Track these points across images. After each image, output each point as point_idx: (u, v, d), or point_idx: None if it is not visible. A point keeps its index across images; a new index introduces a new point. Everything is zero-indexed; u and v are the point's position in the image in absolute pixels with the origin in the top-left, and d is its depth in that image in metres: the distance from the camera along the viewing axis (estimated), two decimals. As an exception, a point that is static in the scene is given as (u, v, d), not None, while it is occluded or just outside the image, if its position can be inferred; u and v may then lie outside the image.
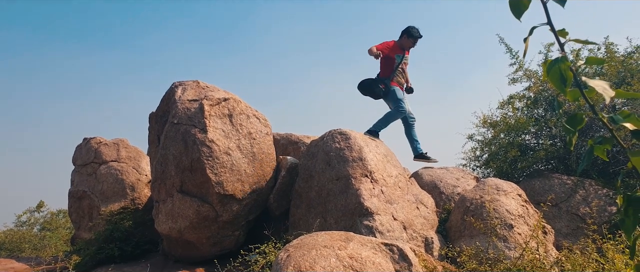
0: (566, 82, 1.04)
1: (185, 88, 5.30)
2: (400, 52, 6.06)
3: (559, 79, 1.05)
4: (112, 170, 6.71)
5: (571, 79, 1.05)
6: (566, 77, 1.04)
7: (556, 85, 1.06)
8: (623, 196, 1.10)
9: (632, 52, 7.37)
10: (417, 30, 6.02)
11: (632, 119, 1.06)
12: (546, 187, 6.23)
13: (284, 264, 3.01)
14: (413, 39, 6.02)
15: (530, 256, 3.23)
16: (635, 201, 1.08)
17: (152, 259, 5.63)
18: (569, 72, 1.04)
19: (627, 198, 1.09)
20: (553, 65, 1.06)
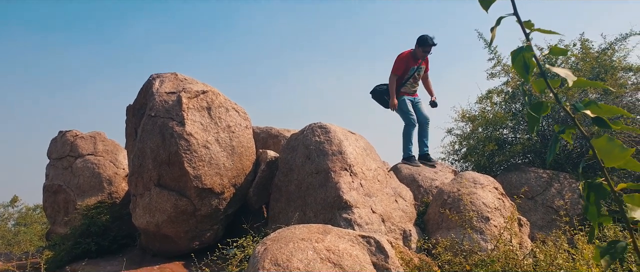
0: (529, 69, 1.06)
1: (163, 80, 5.24)
2: (414, 64, 6.17)
3: (522, 67, 1.07)
4: (88, 164, 6.60)
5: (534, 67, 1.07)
6: (529, 65, 1.06)
7: (520, 73, 1.08)
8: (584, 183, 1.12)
9: (606, 49, 7.51)
10: (429, 39, 6.00)
11: (592, 107, 1.08)
12: (522, 180, 6.33)
13: (261, 257, 3.01)
14: (423, 47, 6.03)
15: (504, 247, 3.29)
16: (596, 187, 1.10)
17: (129, 254, 5.57)
18: (532, 61, 1.06)
19: (588, 185, 1.11)
20: (517, 54, 1.08)
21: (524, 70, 1.08)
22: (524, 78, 1.09)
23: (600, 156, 1.10)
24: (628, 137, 6.63)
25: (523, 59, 1.08)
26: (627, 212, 1.17)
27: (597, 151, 1.09)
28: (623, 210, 1.18)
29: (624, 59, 7.61)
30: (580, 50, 7.77)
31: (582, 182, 1.15)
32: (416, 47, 6.11)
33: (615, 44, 7.57)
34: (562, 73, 1.07)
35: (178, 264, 4.93)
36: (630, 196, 1.15)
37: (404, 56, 6.16)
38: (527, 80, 1.09)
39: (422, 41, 6.00)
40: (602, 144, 1.09)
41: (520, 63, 1.08)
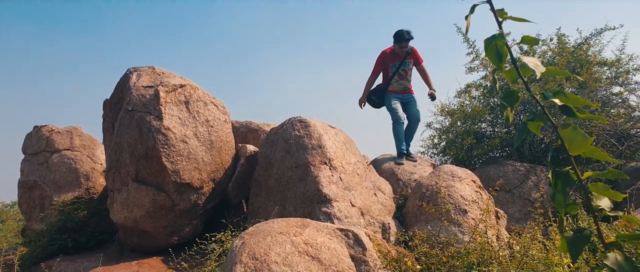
0: (502, 57, 1.08)
1: (140, 74, 5.17)
2: (394, 60, 5.97)
3: (495, 55, 1.08)
4: (65, 159, 6.48)
5: (507, 55, 1.08)
6: (502, 53, 1.07)
7: (493, 61, 1.09)
8: (552, 172, 1.14)
9: (581, 44, 7.65)
10: (404, 33, 5.78)
11: (560, 96, 1.10)
12: (500, 173, 6.42)
13: (239, 251, 3.00)
14: (399, 43, 5.83)
15: (480, 239, 3.33)
16: (564, 175, 1.13)
17: (107, 250, 5.50)
18: (505, 49, 1.07)
19: (556, 173, 1.13)
20: (490, 42, 1.09)
21: (497, 59, 1.10)
22: (498, 66, 1.10)
23: (567, 145, 1.12)
24: (602, 130, 6.76)
25: (496, 47, 1.09)
26: (593, 201, 1.20)
27: (564, 139, 1.11)
28: (589, 198, 1.20)
29: (599, 54, 7.76)
30: (556, 44, 7.90)
31: (551, 171, 1.17)
32: (394, 44, 5.96)
33: (591, 39, 7.71)
34: (531, 63, 1.08)
35: (157, 260, 4.89)
36: (594, 185, 1.18)
37: (382, 55, 6.03)
38: (501, 69, 1.10)
39: (397, 37, 5.83)
40: (568, 133, 1.11)
41: (493, 51, 1.09)
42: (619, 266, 1.09)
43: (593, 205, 1.17)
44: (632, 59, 7.58)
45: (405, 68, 5.98)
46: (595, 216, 1.18)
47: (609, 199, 1.17)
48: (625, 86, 7.51)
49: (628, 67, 7.55)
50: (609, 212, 1.16)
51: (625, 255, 1.12)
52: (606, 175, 1.17)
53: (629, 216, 1.17)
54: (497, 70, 1.12)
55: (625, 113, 7.24)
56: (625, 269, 1.09)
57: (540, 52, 8.09)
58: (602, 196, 1.17)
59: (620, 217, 1.24)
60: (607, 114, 7.18)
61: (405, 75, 6.01)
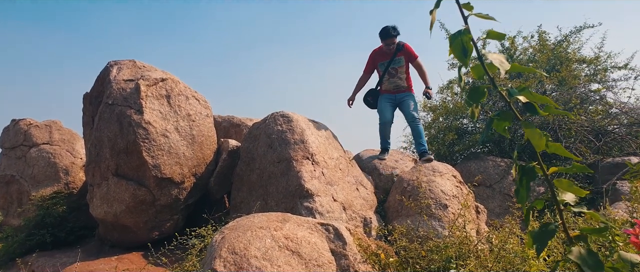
0: (467, 53, 1.09)
1: (120, 67, 5.11)
2: (384, 58, 5.65)
3: (460, 51, 1.09)
4: (43, 153, 6.39)
5: (472, 51, 1.09)
6: (467, 49, 1.08)
7: (458, 57, 1.10)
8: (517, 167, 1.16)
9: (561, 41, 7.76)
10: (389, 29, 5.47)
11: (525, 93, 1.12)
12: (481, 169, 6.50)
13: (218, 246, 2.99)
14: (385, 41, 5.53)
15: (458, 233, 3.38)
16: (528, 171, 1.15)
17: (87, 245, 5.45)
18: (469, 44, 1.08)
19: (521, 169, 1.15)
20: (456, 38, 1.10)
21: (462, 54, 1.10)
22: (462, 62, 1.11)
23: (532, 142, 1.15)
24: (580, 127, 6.88)
25: (461, 43, 1.10)
26: (558, 195, 1.23)
27: (528, 136, 1.14)
28: (554, 193, 1.23)
29: (578, 51, 7.89)
30: (537, 42, 8.01)
31: (515, 166, 1.19)
32: (381, 41, 5.66)
33: (570, 37, 7.84)
34: (496, 59, 1.10)
35: (137, 255, 4.85)
36: (559, 180, 1.20)
37: (371, 53, 5.75)
38: (465, 65, 1.11)
39: (382, 33, 5.51)
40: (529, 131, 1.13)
41: (459, 47, 1.10)
42: (583, 260, 1.12)
43: (558, 199, 1.20)
44: (610, 57, 7.73)
45: (395, 66, 5.64)
46: (561, 210, 1.21)
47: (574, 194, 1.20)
48: (603, 83, 7.66)
49: (606, 64, 7.70)
50: (574, 207, 1.18)
51: (589, 249, 1.14)
52: (570, 170, 1.20)
53: (591, 212, 1.20)
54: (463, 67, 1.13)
55: (603, 110, 7.38)
56: (588, 263, 1.11)
57: (521, 49, 8.20)
58: (567, 191, 1.19)
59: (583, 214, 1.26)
60: (585, 111, 7.31)
61: (395, 74, 5.66)
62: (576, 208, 1.20)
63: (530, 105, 1.13)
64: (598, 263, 1.10)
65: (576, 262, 1.12)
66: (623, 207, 5.01)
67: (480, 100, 1.17)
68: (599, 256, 1.12)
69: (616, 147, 7.24)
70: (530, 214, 1.26)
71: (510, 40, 8.19)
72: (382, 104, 5.70)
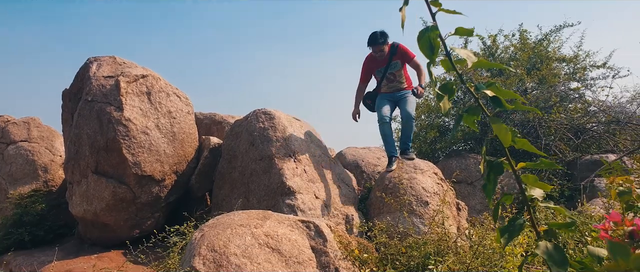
0: (434, 50, 1.09)
1: (100, 64, 5.05)
2: (380, 65, 5.32)
3: (428, 47, 1.09)
4: (21, 150, 6.28)
5: (438, 47, 1.10)
6: (434, 46, 1.09)
7: (425, 54, 1.10)
8: (485, 162, 1.18)
9: (542, 40, 7.86)
10: (376, 36, 5.14)
11: (492, 88, 1.13)
12: (462, 166, 6.57)
13: (198, 243, 2.98)
14: (372, 48, 5.22)
15: (437, 229, 3.41)
16: (496, 166, 1.17)
17: (66, 244, 5.38)
18: (437, 41, 1.09)
19: (488, 163, 1.17)
20: (423, 34, 1.10)
21: (429, 51, 1.11)
22: (429, 58, 1.11)
23: (499, 137, 1.16)
24: (560, 125, 6.99)
25: (429, 40, 1.10)
26: (526, 191, 1.25)
27: (495, 131, 1.15)
28: (522, 188, 1.25)
29: (559, 50, 8.00)
30: (518, 40, 8.10)
31: (483, 161, 1.20)
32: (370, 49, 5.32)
33: (550, 35, 7.94)
34: (463, 54, 1.11)
35: (117, 253, 4.81)
36: (525, 175, 1.22)
37: (365, 60, 5.44)
38: (432, 61, 1.12)
39: (369, 41, 5.19)
40: (497, 126, 1.15)
41: (426, 43, 1.11)
42: (549, 254, 1.14)
43: (526, 195, 1.22)
44: (589, 56, 7.86)
45: (392, 71, 5.32)
46: (529, 205, 1.23)
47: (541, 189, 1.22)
48: (582, 82, 7.78)
49: (585, 63, 7.82)
50: (541, 203, 1.20)
51: (556, 243, 1.17)
52: (538, 166, 1.22)
53: (558, 207, 1.23)
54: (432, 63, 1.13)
55: (582, 108, 7.51)
56: (554, 257, 1.13)
57: (503, 47, 8.29)
58: (534, 186, 1.21)
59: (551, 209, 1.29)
60: (565, 109, 7.43)
61: (394, 78, 5.34)
62: (543, 203, 1.22)
63: (497, 100, 1.15)
64: (563, 258, 1.12)
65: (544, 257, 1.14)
66: (600, 203, 5.11)
67: (450, 95, 1.18)
68: (564, 251, 1.15)
69: (594, 145, 7.37)
70: (499, 209, 1.28)
71: (492, 39, 8.27)
72: (380, 101, 5.38)
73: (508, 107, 1.16)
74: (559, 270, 1.10)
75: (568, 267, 1.11)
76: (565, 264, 1.10)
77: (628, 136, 7.19)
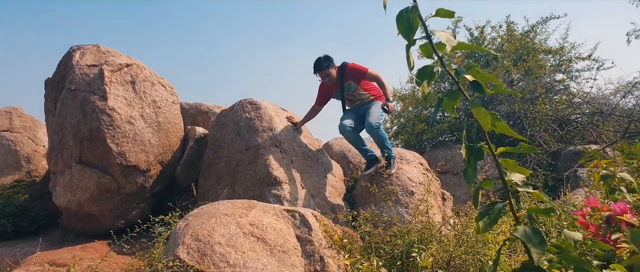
0: (412, 31, 1.08)
1: (83, 52, 4.98)
2: (335, 88, 5.05)
3: (406, 28, 1.08)
4: (3, 141, 6.19)
5: (417, 28, 1.09)
6: (413, 26, 1.08)
7: (403, 35, 1.09)
8: (465, 147, 1.18)
9: (528, 31, 7.91)
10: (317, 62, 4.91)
11: (472, 72, 1.13)
12: (448, 157, 6.61)
13: (182, 232, 2.97)
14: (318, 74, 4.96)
15: (422, 218, 3.43)
16: (476, 151, 1.17)
17: (50, 234, 5.33)
18: (416, 21, 1.08)
19: (469, 148, 1.17)
20: (402, 15, 1.09)
21: (407, 32, 1.10)
22: (407, 39, 1.10)
23: (479, 121, 1.16)
24: (545, 116, 7.06)
25: (408, 20, 1.09)
26: (506, 175, 1.26)
27: (475, 116, 1.15)
28: (502, 173, 1.26)
29: (545, 42, 8.06)
30: (505, 32, 8.15)
31: (464, 146, 1.21)
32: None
33: (537, 27, 8.00)
34: (443, 37, 1.11)
35: (102, 244, 4.77)
36: (505, 160, 1.23)
37: (320, 86, 5.15)
38: (410, 42, 1.11)
39: (314, 68, 4.94)
40: (476, 111, 1.15)
41: (405, 25, 1.09)
42: (527, 237, 1.15)
43: (506, 180, 1.22)
44: (575, 48, 7.93)
45: (349, 92, 5.02)
46: (508, 190, 1.24)
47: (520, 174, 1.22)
48: (567, 74, 7.86)
49: (570, 55, 7.90)
50: (520, 188, 1.21)
51: (534, 227, 1.18)
52: (518, 150, 1.23)
53: (536, 193, 1.23)
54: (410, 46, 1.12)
55: (567, 99, 7.59)
56: (533, 241, 1.14)
57: (489, 38, 8.33)
58: (513, 171, 1.22)
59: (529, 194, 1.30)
60: (550, 100, 7.50)
61: (355, 98, 5.04)
62: (522, 188, 1.23)
63: (477, 84, 1.15)
64: (541, 240, 1.13)
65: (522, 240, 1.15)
66: (582, 193, 5.19)
67: (430, 79, 1.17)
68: (542, 234, 1.16)
69: (578, 136, 7.47)
70: (479, 195, 1.29)
71: (480, 30, 8.30)
72: (344, 115, 5.07)
73: (488, 92, 1.16)
74: (538, 251, 1.11)
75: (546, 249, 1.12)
76: (543, 245, 1.11)
77: (611, 127, 7.29)
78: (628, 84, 7.75)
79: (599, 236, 1.39)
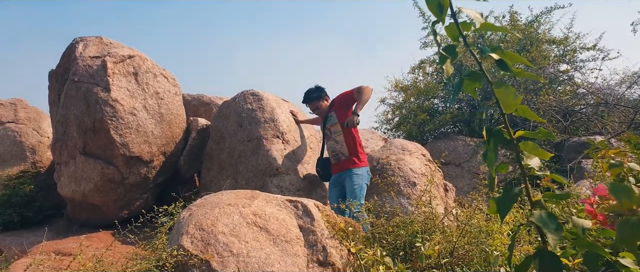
0: (443, 9, 1.08)
1: (87, 44, 4.98)
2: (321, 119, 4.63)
3: (436, 7, 1.08)
4: (9, 132, 6.23)
5: (448, 6, 1.08)
6: (443, 5, 1.07)
7: (434, 13, 1.09)
8: (485, 129, 1.17)
9: (532, 21, 7.86)
10: (305, 94, 4.61)
11: (498, 51, 1.12)
12: (451, 148, 6.61)
13: (186, 222, 2.99)
14: (307, 106, 4.66)
15: (424, 208, 3.44)
16: (496, 133, 1.16)
17: (55, 225, 5.37)
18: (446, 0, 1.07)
19: (489, 131, 1.16)
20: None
21: (438, 10, 1.09)
22: (438, 17, 1.09)
23: (500, 103, 1.16)
24: (549, 107, 7.03)
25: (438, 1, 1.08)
26: (523, 160, 1.25)
27: (498, 97, 1.14)
28: (519, 157, 1.25)
29: (549, 32, 8.01)
30: (508, 22, 8.10)
31: (484, 128, 1.20)
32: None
33: (541, 17, 7.94)
34: (471, 13, 1.10)
35: (106, 234, 4.80)
36: (525, 143, 1.22)
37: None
38: (442, 20, 1.10)
39: (303, 100, 4.65)
40: (502, 92, 1.14)
41: (435, 2, 1.09)
42: (543, 222, 1.14)
43: (523, 164, 1.21)
44: (579, 38, 7.87)
45: (329, 125, 4.46)
46: (525, 174, 1.23)
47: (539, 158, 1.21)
48: (572, 64, 7.81)
49: (575, 45, 7.84)
50: (537, 171, 1.21)
51: (549, 212, 1.17)
52: (537, 135, 1.21)
53: (553, 175, 1.23)
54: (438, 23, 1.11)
55: (571, 90, 7.55)
56: (548, 226, 1.14)
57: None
58: (532, 154, 1.21)
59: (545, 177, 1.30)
60: (554, 91, 7.46)
61: (330, 135, 4.43)
62: (540, 172, 1.22)
63: (503, 64, 1.13)
64: (558, 226, 1.13)
65: (538, 225, 1.14)
66: (586, 184, 5.17)
67: (455, 57, 1.16)
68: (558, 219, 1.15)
69: (582, 127, 7.43)
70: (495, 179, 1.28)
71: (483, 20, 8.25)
72: (329, 190, 4.48)
73: (514, 73, 1.15)
74: (554, 237, 1.11)
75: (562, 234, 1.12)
76: (560, 231, 1.11)
77: (616, 118, 7.24)
78: (634, 75, 7.69)
79: (607, 225, 1.39)
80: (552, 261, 1.14)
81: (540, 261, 1.15)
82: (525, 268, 1.24)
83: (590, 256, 1.19)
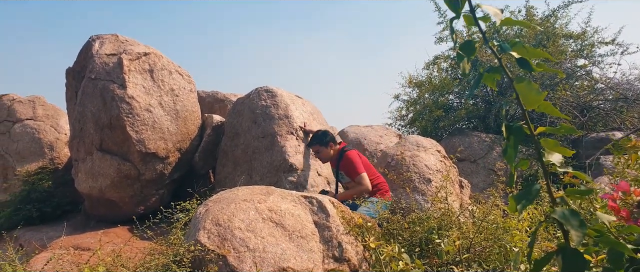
0: (460, 3, 1.06)
1: (103, 42, 5.04)
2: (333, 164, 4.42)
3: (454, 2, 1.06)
4: (28, 128, 6.33)
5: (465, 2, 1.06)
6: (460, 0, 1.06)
7: (450, 7, 1.07)
8: (505, 126, 1.16)
9: (549, 16, 7.75)
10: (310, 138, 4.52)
11: (518, 48, 1.10)
12: (466, 144, 6.55)
13: (202, 218, 3.01)
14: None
15: (440, 205, 3.42)
16: (516, 130, 1.14)
17: (73, 220, 5.45)
18: None
19: (509, 127, 1.15)
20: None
21: (455, 5, 1.08)
22: (455, 12, 1.08)
23: (521, 99, 1.14)
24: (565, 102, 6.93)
25: None
26: (544, 156, 1.23)
27: (519, 93, 1.13)
28: (540, 153, 1.23)
29: (566, 26, 7.89)
30: (525, 16, 7.99)
31: (504, 125, 1.18)
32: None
33: (558, 12, 7.82)
34: (491, 11, 1.08)
35: (123, 229, 4.86)
36: (545, 140, 1.20)
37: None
38: (458, 14, 1.09)
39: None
40: (523, 87, 1.12)
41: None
42: (566, 219, 1.12)
43: (544, 160, 1.19)
44: (597, 32, 7.74)
45: (342, 182, 4.38)
46: (546, 171, 1.21)
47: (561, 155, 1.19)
48: (589, 59, 7.68)
49: (593, 39, 7.71)
50: (559, 168, 1.19)
51: (572, 208, 1.15)
52: (559, 131, 1.19)
53: (576, 172, 1.21)
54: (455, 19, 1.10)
55: (589, 85, 7.43)
56: (571, 222, 1.12)
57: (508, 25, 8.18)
58: (553, 151, 1.19)
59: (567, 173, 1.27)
60: (571, 86, 7.36)
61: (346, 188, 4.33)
62: (561, 169, 1.20)
63: (524, 61, 1.12)
64: (581, 223, 1.11)
65: (560, 222, 1.12)
66: (605, 181, 5.09)
67: (472, 54, 1.14)
68: (580, 215, 1.13)
69: (600, 123, 7.32)
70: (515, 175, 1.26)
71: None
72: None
73: (536, 70, 1.13)
74: (578, 233, 1.09)
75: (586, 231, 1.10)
76: (583, 227, 1.08)
77: (635, 113, 7.12)
78: (653, 69, 7.56)
79: (630, 220, 1.36)
80: (575, 257, 1.12)
81: (563, 257, 1.13)
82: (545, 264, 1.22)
83: (615, 253, 1.17)
